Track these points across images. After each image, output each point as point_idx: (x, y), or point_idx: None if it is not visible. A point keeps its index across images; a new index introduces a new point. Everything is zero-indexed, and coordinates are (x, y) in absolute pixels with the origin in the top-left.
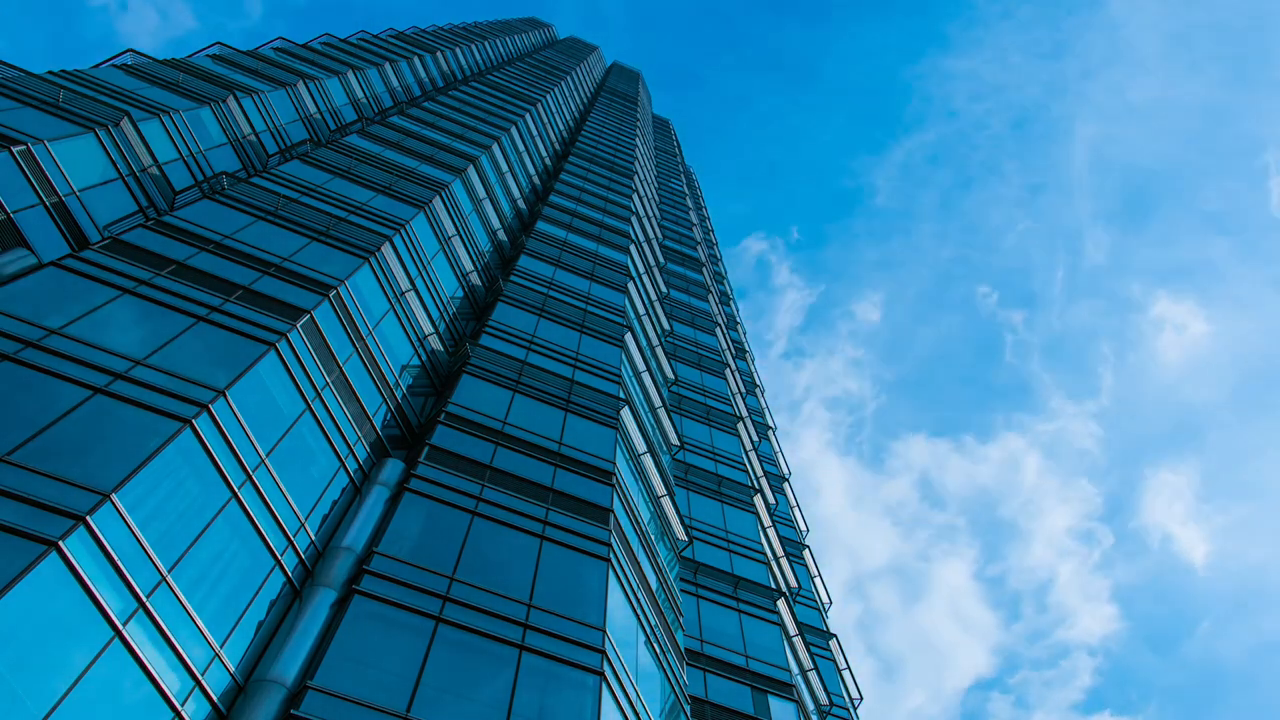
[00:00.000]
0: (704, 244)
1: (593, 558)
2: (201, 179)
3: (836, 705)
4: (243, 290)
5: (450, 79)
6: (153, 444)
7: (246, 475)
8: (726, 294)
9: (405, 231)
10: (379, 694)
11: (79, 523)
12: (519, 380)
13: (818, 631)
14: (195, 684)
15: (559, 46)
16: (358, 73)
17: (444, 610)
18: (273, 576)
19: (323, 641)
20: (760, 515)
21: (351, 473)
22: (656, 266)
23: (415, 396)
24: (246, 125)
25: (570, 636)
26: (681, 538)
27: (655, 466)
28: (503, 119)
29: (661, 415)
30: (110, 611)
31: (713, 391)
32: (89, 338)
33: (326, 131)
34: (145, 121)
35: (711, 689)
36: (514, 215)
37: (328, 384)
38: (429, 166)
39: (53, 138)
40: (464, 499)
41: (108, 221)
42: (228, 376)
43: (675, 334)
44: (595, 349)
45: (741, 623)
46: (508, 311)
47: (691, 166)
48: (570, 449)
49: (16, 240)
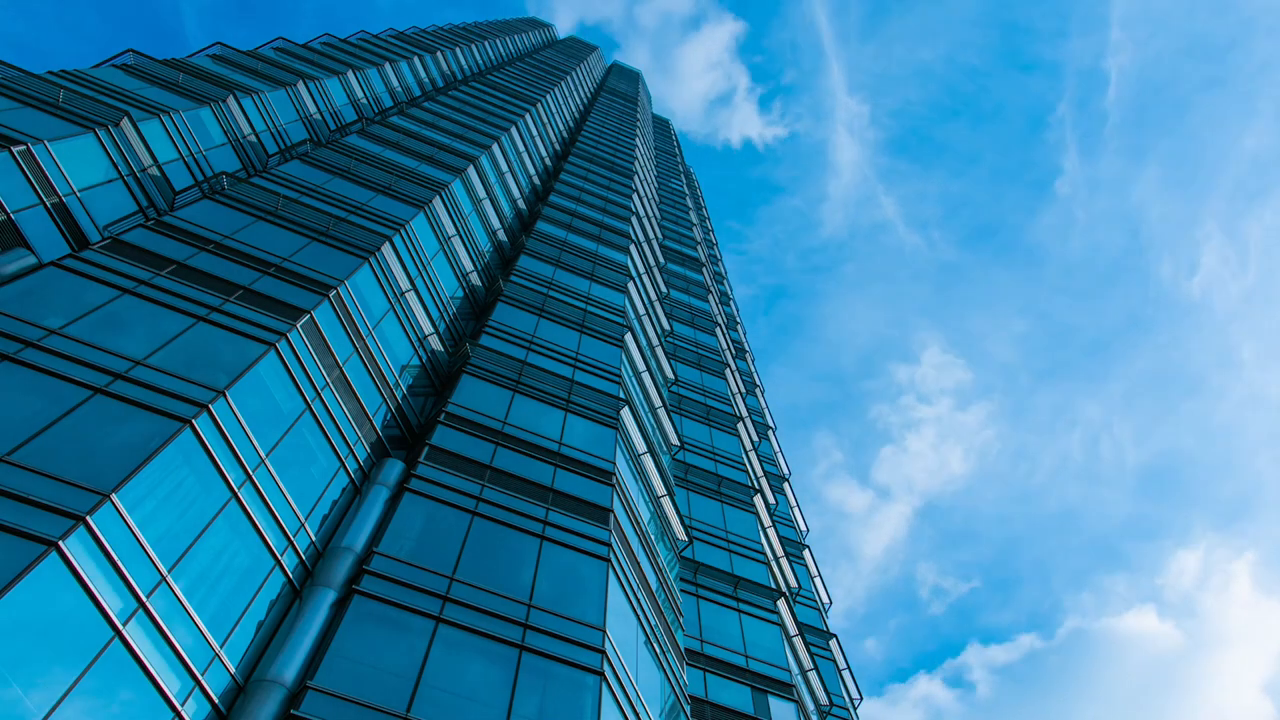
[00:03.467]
0: (704, 244)
1: (593, 558)
2: (201, 179)
3: (836, 705)
4: (243, 290)
5: (450, 79)
6: (153, 444)
7: (246, 475)
8: (726, 294)
9: (405, 231)
10: (379, 694)
11: (79, 523)
12: (519, 380)
13: (818, 631)
14: (195, 684)
15: (559, 47)
16: (358, 73)
17: (444, 610)
18: (273, 576)
19: (323, 641)
20: (760, 515)
21: (351, 473)
22: (656, 266)
23: (415, 396)
24: (246, 125)
25: (570, 636)
26: (681, 538)
27: (655, 466)
28: (503, 119)
29: (661, 415)
30: (110, 611)
31: (713, 391)
32: (89, 338)
33: (326, 131)
34: (145, 121)
35: (711, 689)
36: (514, 215)
37: (328, 384)
38: (429, 166)
39: (53, 138)
40: (464, 499)
41: (108, 221)
42: (228, 376)
43: (675, 334)
44: (595, 349)
45: (741, 623)
46: (508, 311)
47: (691, 166)
48: (570, 449)
49: (16, 240)
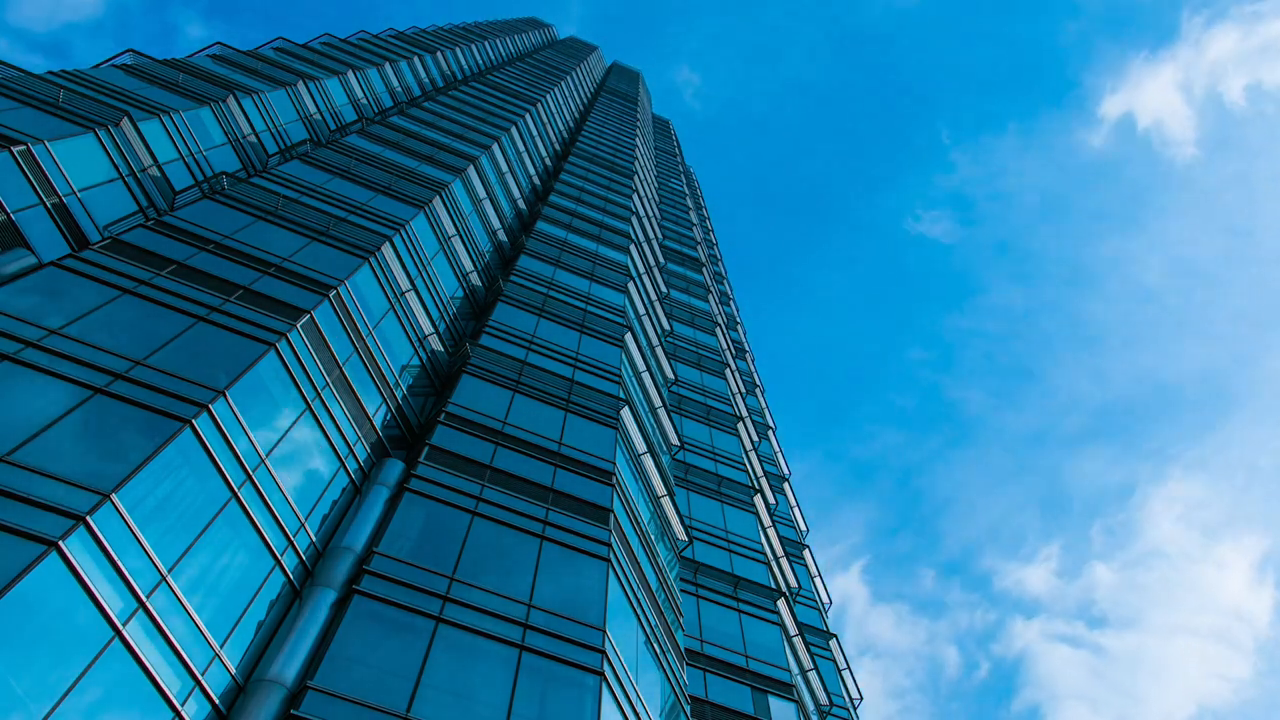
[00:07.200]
0: (704, 244)
1: (593, 558)
2: (201, 179)
3: (836, 705)
4: (243, 290)
5: (450, 79)
6: (152, 444)
7: (246, 475)
8: (726, 294)
9: (405, 231)
10: (379, 694)
11: (79, 522)
12: (519, 380)
13: (818, 631)
14: (195, 684)
15: (559, 46)
16: (358, 73)
17: (444, 610)
18: (273, 576)
19: (323, 641)
20: (760, 515)
21: (351, 473)
22: (656, 266)
23: (415, 396)
24: (246, 125)
25: (570, 637)
26: (681, 538)
27: (655, 466)
28: (503, 119)
29: (661, 415)
30: (110, 611)
31: (713, 391)
32: (89, 338)
33: (326, 131)
34: (145, 121)
35: (711, 689)
36: (514, 215)
37: (328, 384)
38: (429, 166)
39: (53, 138)
40: (464, 499)
41: (108, 221)
42: (228, 376)
43: (675, 334)
44: (595, 349)
45: (741, 623)
46: (508, 311)
47: (691, 166)
48: (570, 449)
49: (16, 240)
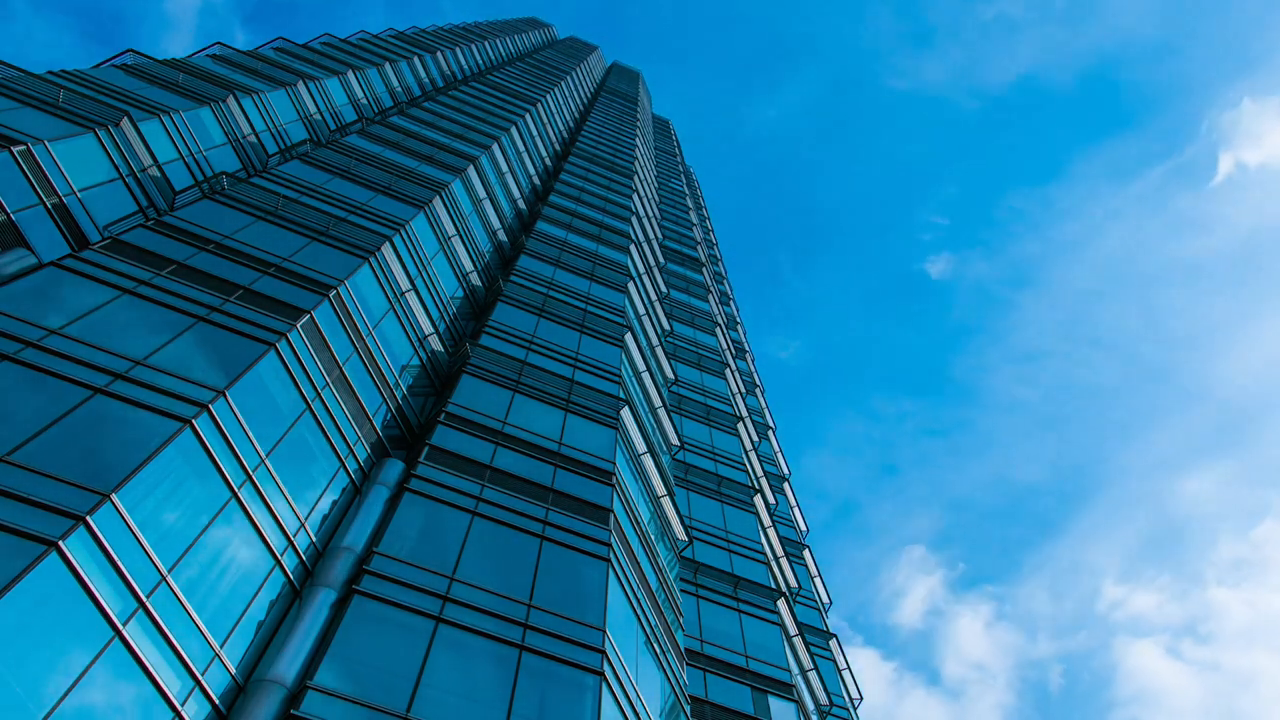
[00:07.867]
0: (704, 244)
1: (593, 558)
2: (201, 179)
3: (836, 705)
4: (243, 290)
5: (450, 79)
6: (153, 444)
7: (246, 475)
8: (726, 294)
9: (405, 231)
10: (379, 694)
11: (79, 523)
12: (519, 380)
13: (818, 631)
14: (195, 684)
15: (559, 46)
16: (358, 73)
17: (444, 610)
18: (273, 576)
19: (323, 641)
20: (760, 515)
21: (351, 473)
22: (656, 266)
23: (415, 396)
24: (246, 125)
25: (570, 636)
26: (681, 538)
27: (655, 466)
28: (503, 119)
29: (661, 415)
30: (110, 611)
31: (713, 391)
32: (89, 338)
33: (326, 131)
34: (145, 121)
35: (711, 689)
36: (514, 215)
37: (328, 384)
38: (429, 166)
39: (53, 138)
40: (464, 499)
41: (108, 221)
42: (228, 376)
43: (675, 334)
44: (595, 349)
45: (741, 623)
46: (508, 311)
47: (691, 166)
48: (570, 449)
49: (16, 240)
